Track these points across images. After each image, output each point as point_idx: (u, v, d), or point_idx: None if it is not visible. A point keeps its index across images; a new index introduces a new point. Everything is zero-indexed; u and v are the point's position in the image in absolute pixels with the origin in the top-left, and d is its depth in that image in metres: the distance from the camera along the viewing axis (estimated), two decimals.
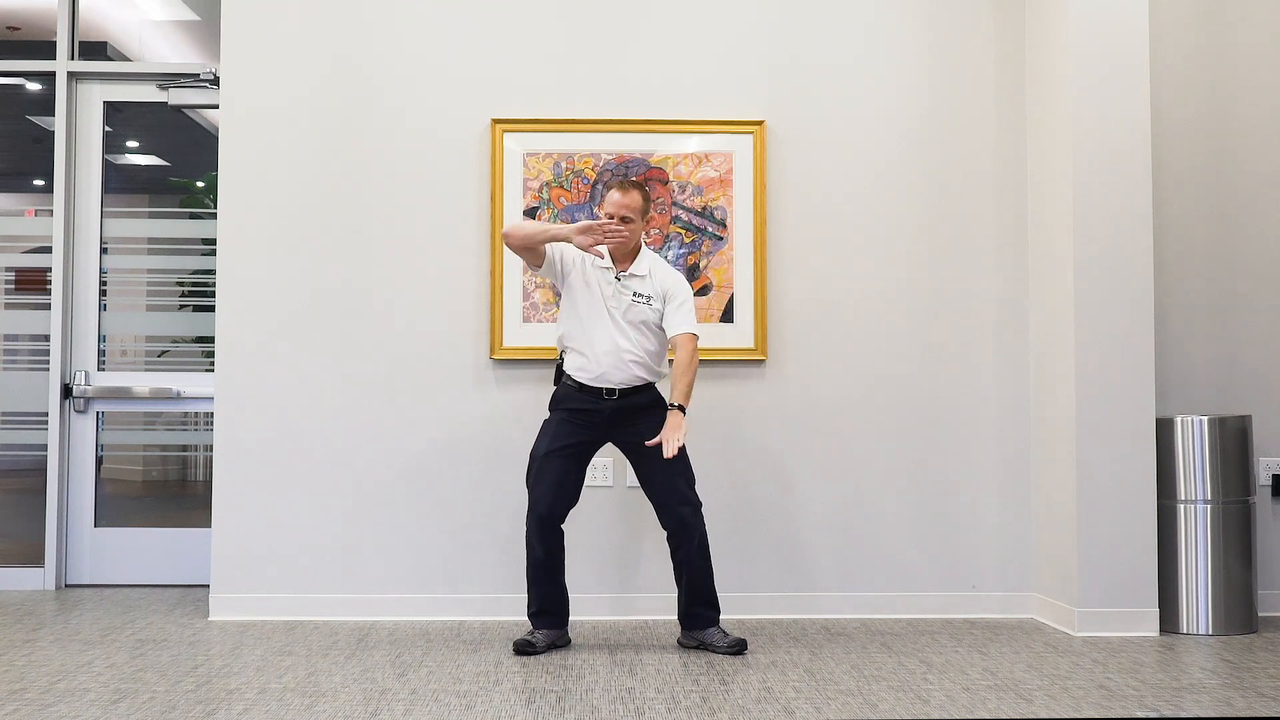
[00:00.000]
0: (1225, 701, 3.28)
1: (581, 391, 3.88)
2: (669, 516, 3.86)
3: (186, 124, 5.25)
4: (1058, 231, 4.31)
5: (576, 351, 3.89)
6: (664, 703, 3.25)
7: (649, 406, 3.91)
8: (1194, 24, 4.60)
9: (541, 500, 3.83)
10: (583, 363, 3.87)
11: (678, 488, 3.85)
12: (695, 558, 3.85)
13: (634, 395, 3.89)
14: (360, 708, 3.19)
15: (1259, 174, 4.60)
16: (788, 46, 4.57)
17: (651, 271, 3.92)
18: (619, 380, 3.86)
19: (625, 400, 3.87)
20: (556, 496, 3.84)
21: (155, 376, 5.07)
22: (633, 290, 3.88)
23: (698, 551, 3.85)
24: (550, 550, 3.86)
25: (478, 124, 4.51)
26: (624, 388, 3.87)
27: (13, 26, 5.42)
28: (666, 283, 3.93)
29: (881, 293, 4.54)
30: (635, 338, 3.86)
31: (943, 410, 4.53)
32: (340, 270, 4.48)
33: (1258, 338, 4.57)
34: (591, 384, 3.86)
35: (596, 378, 3.85)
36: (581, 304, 3.89)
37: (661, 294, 3.90)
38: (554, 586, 3.90)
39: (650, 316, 3.89)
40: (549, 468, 3.85)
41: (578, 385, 3.88)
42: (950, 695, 3.34)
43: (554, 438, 3.88)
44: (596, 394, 3.86)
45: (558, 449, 3.85)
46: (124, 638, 4.03)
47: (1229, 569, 4.18)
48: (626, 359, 3.84)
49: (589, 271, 3.90)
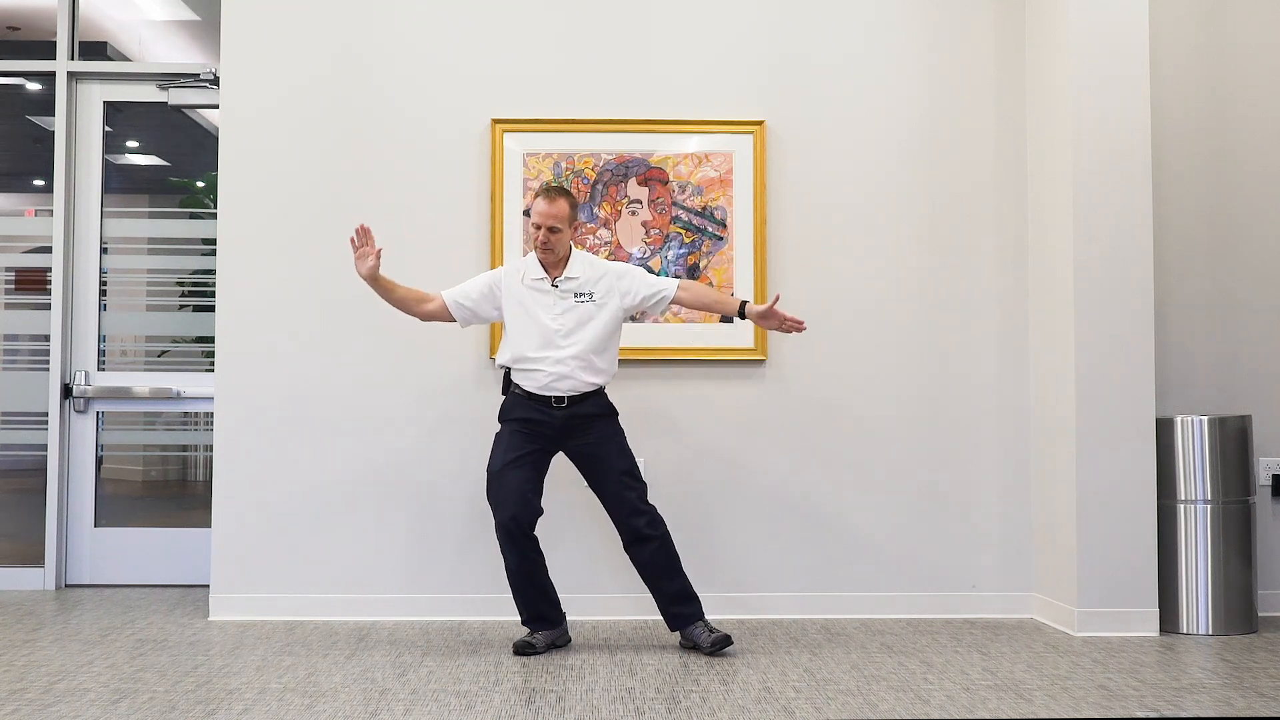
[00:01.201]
0: (1225, 701, 3.28)
1: (530, 399, 3.86)
2: (623, 528, 3.87)
3: (186, 124, 5.26)
4: (1058, 231, 4.31)
5: (523, 370, 3.87)
6: (664, 703, 3.25)
7: (599, 414, 3.90)
8: (1194, 24, 4.60)
9: (506, 513, 3.79)
10: (529, 374, 3.86)
11: (629, 500, 3.85)
12: (657, 561, 3.85)
13: (582, 403, 3.87)
14: (360, 708, 3.19)
15: (1259, 174, 4.60)
16: (788, 46, 4.57)
17: (585, 270, 3.92)
18: (566, 388, 3.84)
19: (574, 408, 3.86)
20: (520, 506, 3.79)
21: (155, 376, 5.07)
22: (573, 292, 3.88)
23: (659, 555, 3.84)
24: (524, 557, 3.82)
25: (478, 124, 4.51)
26: (572, 394, 3.85)
27: (13, 26, 5.42)
28: (610, 271, 3.94)
29: (881, 292, 4.54)
30: (579, 341, 3.84)
31: (943, 410, 4.53)
32: (340, 270, 4.47)
33: (1258, 338, 4.57)
34: (539, 392, 3.85)
35: (543, 386, 3.84)
36: (522, 326, 3.87)
37: (607, 284, 3.89)
38: (537, 592, 3.88)
39: (593, 314, 3.87)
40: (507, 480, 3.82)
41: (525, 394, 3.87)
42: (950, 695, 3.34)
43: (507, 449, 3.86)
44: (545, 402, 3.85)
45: (512, 460, 3.83)
46: (124, 638, 4.03)
47: (1229, 569, 4.18)
48: (573, 366, 3.82)
49: (522, 293, 3.89)
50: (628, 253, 4.50)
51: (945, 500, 4.51)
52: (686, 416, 4.44)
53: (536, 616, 3.89)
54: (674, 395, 4.48)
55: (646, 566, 3.87)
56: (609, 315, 3.89)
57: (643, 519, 3.85)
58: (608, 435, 3.90)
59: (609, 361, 3.93)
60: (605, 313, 3.88)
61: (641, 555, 3.86)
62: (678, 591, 3.89)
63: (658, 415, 4.45)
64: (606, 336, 3.90)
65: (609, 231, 4.50)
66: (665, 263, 4.50)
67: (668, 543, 3.87)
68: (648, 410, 4.43)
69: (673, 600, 3.88)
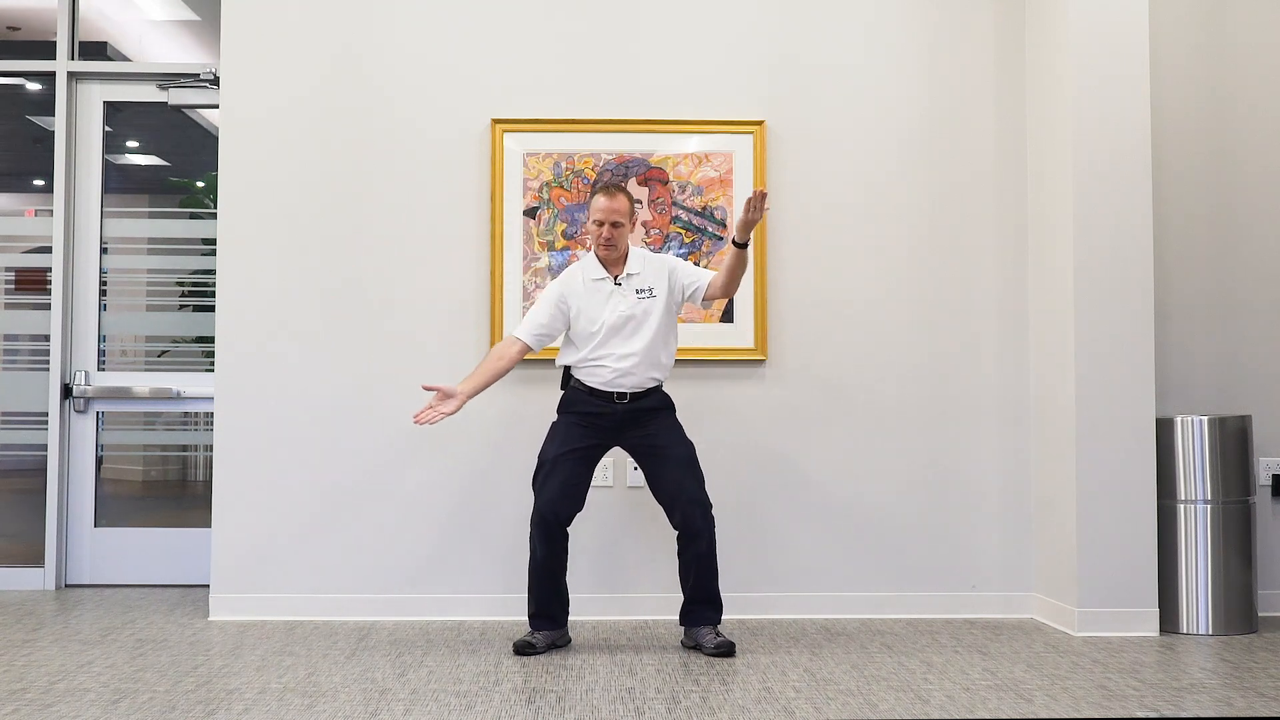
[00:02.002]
0: (1225, 701, 3.28)
1: (592, 395, 3.87)
2: (678, 516, 3.85)
3: (186, 124, 5.26)
4: (1058, 231, 4.31)
5: (586, 367, 3.87)
6: (664, 703, 3.25)
7: (659, 409, 3.91)
8: (1194, 24, 4.60)
9: (548, 503, 3.82)
10: (593, 370, 3.86)
11: (687, 488, 3.84)
12: (702, 559, 3.83)
13: (644, 398, 3.89)
14: (360, 708, 3.19)
15: (1259, 174, 4.60)
16: (788, 46, 4.57)
17: (644, 265, 3.94)
18: (630, 385, 3.85)
19: (636, 403, 3.87)
20: (563, 500, 3.82)
21: (155, 376, 5.07)
22: (635, 289, 3.89)
23: (705, 553, 3.84)
24: (553, 553, 3.85)
25: (478, 124, 4.51)
26: (635, 390, 3.87)
27: (13, 26, 5.42)
28: (663, 264, 3.95)
29: (881, 293, 4.54)
30: (646, 340, 3.85)
31: (943, 410, 4.53)
32: (340, 270, 4.48)
33: (1258, 338, 4.57)
34: (602, 388, 3.86)
35: (607, 383, 3.85)
36: (588, 329, 3.87)
37: (663, 278, 3.91)
38: (554, 589, 3.89)
39: (656, 309, 3.88)
40: (557, 471, 3.83)
41: (588, 389, 3.88)
42: (950, 695, 3.34)
43: (563, 441, 3.87)
44: (607, 398, 3.86)
45: (566, 453, 3.84)
46: (124, 638, 4.03)
47: (1229, 569, 4.18)
48: (636, 363, 3.83)
49: (585, 294, 3.89)
50: None
51: (945, 500, 4.51)
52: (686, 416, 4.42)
53: (545, 613, 3.89)
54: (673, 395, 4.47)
55: (691, 561, 3.84)
56: (666, 309, 3.90)
57: (698, 510, 3.82)
58: (668, 425, 3.90)
59: (670, 356, 3.94)
60: (662, 306, 3.89)
61: (690, 548, 3.84)
62: (709, 593, 3.88)
63: None
64: (667, 330, 3.91)
65: None
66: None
67: (713, 545, 3.86)
68: None
69: (700, 599, 3.88)
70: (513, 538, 4.38)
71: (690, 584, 3.87)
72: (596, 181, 4.48)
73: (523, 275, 4.46)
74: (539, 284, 4.46)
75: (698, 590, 3.87)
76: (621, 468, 4.41)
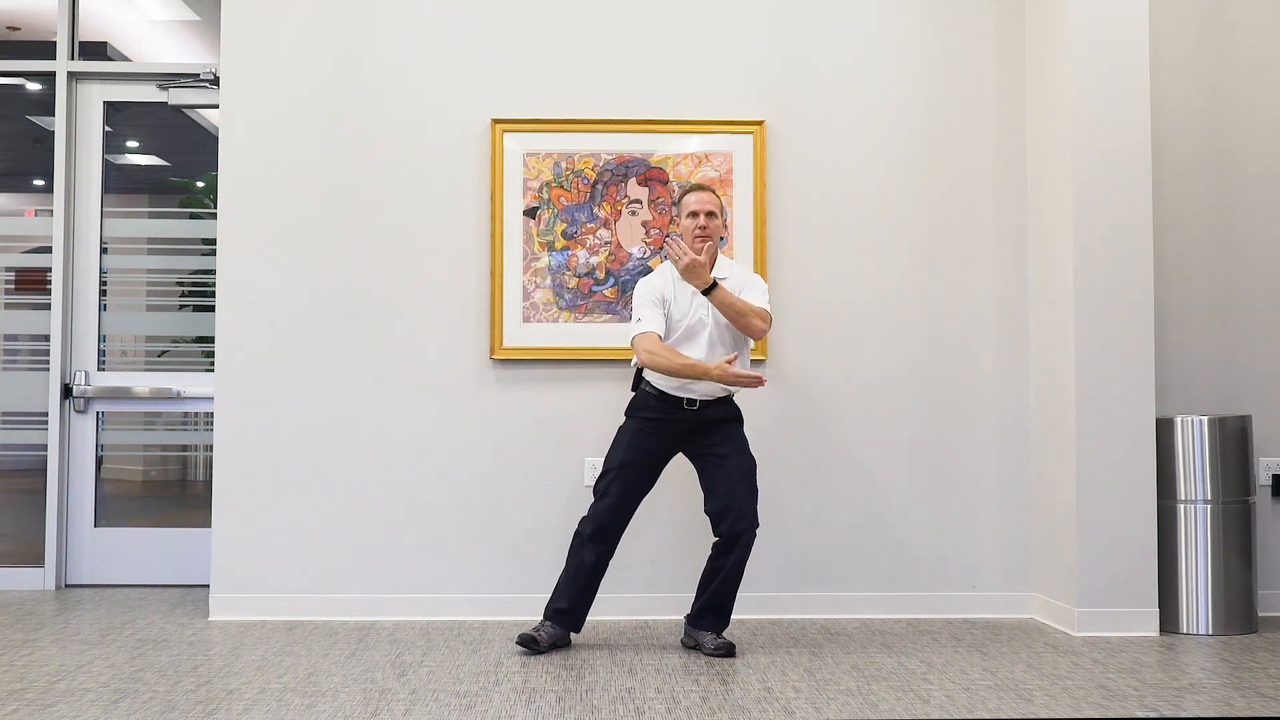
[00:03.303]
0: (1225, 701, 3.28)
1: (662, 400, 3.86)
2: (726, 527, 3.80)
3: (186, 124, 5.25)
4: (1058, 231, 4.31)
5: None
6: (664, 703, 3.25)
7: (727, 420, 3.90)
8: (1194, 24, 4.60)
9: (608, 510, 3.83)
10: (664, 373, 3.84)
11: (742, 500, 3.80)
12: (732, 570, 3.81)
13: (714, 407, 3.87)
14: (360, 708, 3.19)
15: (1259, 174, 4.60)
16: (788, 46, 4.57)
17: (730, 272, 3.94)
18: (702, 392, 3.84)
19: (706, 412, 3.86)
20: (623, 509, 3.85)
21: (155, 376, 5.07)
22: None
23: (736, 565, 3.81)
24: (601, 558, 3.86)
25: (478, 124, 4.51)
26: (706, 399, 3.85)
27: (13, 26, 5.42)
28: (744, 279, 3.95)
29: (881, 293, 4.54)
30: (721, 350, 3.83)
31: (942, 410, 4.53)
32: (340, 270, 4.48)
33: (1258, 338, 4.57)
34: (673, 393, 3.84)
35: (678, 387, 3.83)
36: (675, 328, 3.86)
37: (739, 288, 3.90)
38: (589, 593, 3.90)
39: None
40: (623, 480, 3.84)
41: (658, 393, 3.86)
42: (950, 695, 3.34)
43: (629, 448, 3.86)
44: (677, 404, 3.84)
45: (633, 461, 3.84)
46: (124, 638, 4.03)
47: (1229, 569, 4.18)
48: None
49: (674, 291, 3.88)
50: (628, 252, 4.50)
51: (945, 500, 4.51)
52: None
53: (571, 612, 3.88)
54: None
55: (720, 569, 3.82)
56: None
57: (747, 524, 3.79)
58: (733, 436, 3.89)
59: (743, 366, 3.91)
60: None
61: (724, 559, 3.81)
62: (724, 607, 3.87)
63: None
64: (739, 341, 3.91)
65: (609, 231, 4.50)
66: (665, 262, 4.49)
67: (744, 563, 3.83)
68: None
69: (713, 605, 3.86)
70: (513, 538, 4.39)
71: (710, 590, 3.85)
72: (596, 181, 4.48)
73: (523, 275, 4.46)
74: (539, 284, 4.46)
75: (715, 598, 3.85)
76: None
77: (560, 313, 4.48)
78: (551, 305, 4.47)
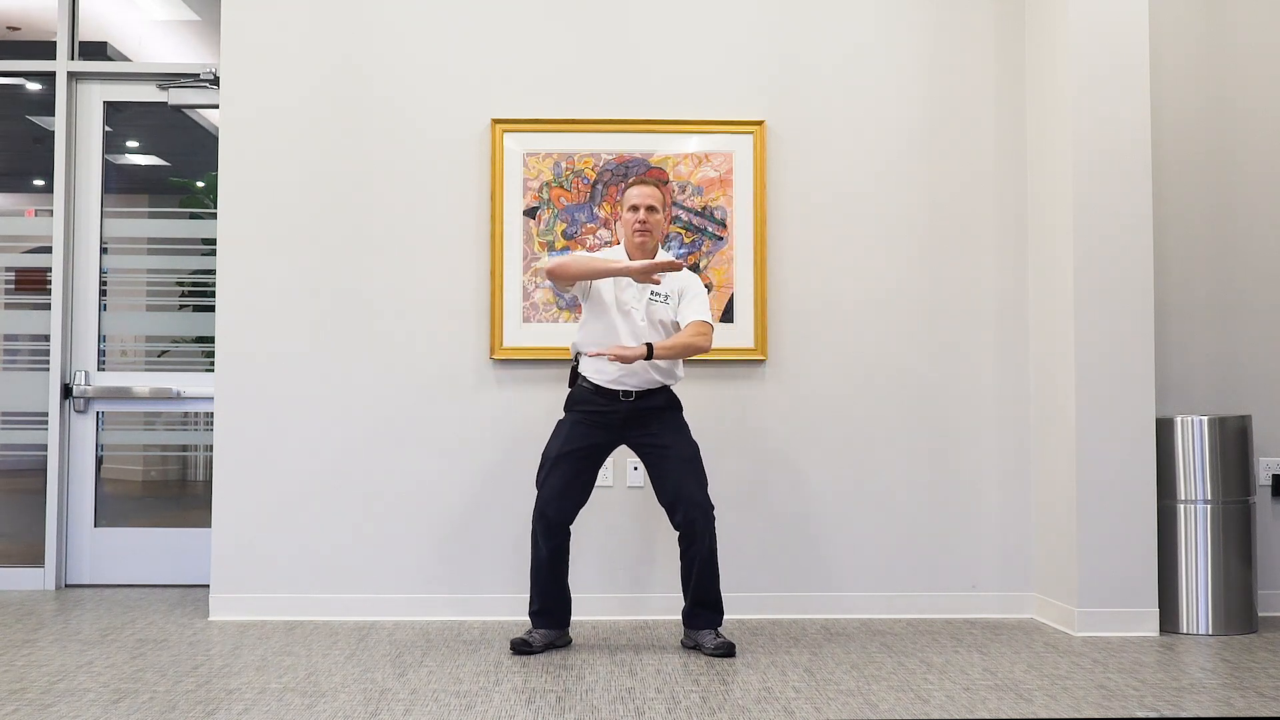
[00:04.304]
0: (1225, 701, 3.28)
1: (597, 393, 3.87)
2: (680, 517, 3.84)
3: (186, 124, 5.26)
4: (1058, 231, 4.31)
5: (593, 365, 3.87)
6: (664, 703, 3.25)
7: (665, 408, 3.91)
8: (1194, 24, 4.60)
9: (549, 501, 3.83)
10: (599, 365, 3.85)
11: (689, 491, 3.83)
12: (703, 561, 3.83)
13: (650, 397, 3.88)
14: (360, 708, 3.19)
15: (1259, 174, 4.60)
16: (788, 46, 4.57)
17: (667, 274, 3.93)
18: (636, 383, 3.85)
19: (641, 402, 3.87)
20: (565, 498, 3.83)
21: (155, 376, 5.07)
22: (650, 290, 3.88)
23: (706, 555, 3.83)
24: (555, 551, 3.85)
25: (478, 124, 4.51)
26: (641, 389, 3.86)
27: (13, 26, 5.42)
28: (683, 280, 3.94)
29: (881, 293, 4.54)
30: (653, 339, 3.84)
31: (943, 410, 4.53)
32: (340, 270, 4.48)
33: (1258, 338, 4.57)
34: (608, 386, 3.85)
35: (614, 380, 3.85)
36: (603, 311, 3.88)
37: (678, 291, 3.90)
38: (556, 587, 3.90)
39: (668, 315, 3.88)
40: (560, 469, 3.84)
41: (594, 387, 3.87)
42: (950, 695, 3.34)
43: (567, 440, 3.87)
44: (613, 396, 3.86)
45: (570, 451, 3.85)
46: (124, 638, 4.03)
47: (1229, 569, 4.18)
48: (644, 363, 3.82)
49: (608, 283, 3.89)
50: None
51: (945, 500, 4.51)
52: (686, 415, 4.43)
53: (545, 611, 3.89)
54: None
55: (693, 561, 3.84)
56: (673, 319, 3.90)
57: (699, 512, 3.81)
58: (673, 425, 3.90)
59: (675, 363, 3.92)
60: (671, 315, 3.89)
61: (692, 549, 3.83)
62: (712, 596, 3.87)
63: None
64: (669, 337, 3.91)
65: (609, 231, 4.50)
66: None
67: (714, 548, 3.85)
68: None
69: (702, 601, 3.87)
70: (513, 538, 4.38)
71: (692, 587, 3.87)
72: (597, 181, 4.48)
73: (523, 275, 4.46)
74: (539, 284, 4.46)
75: (699, 593, 3.87)
76: (622, 468, 4.41)
77: (560, 313, 4.48)
78: (551, 305, 4.47)
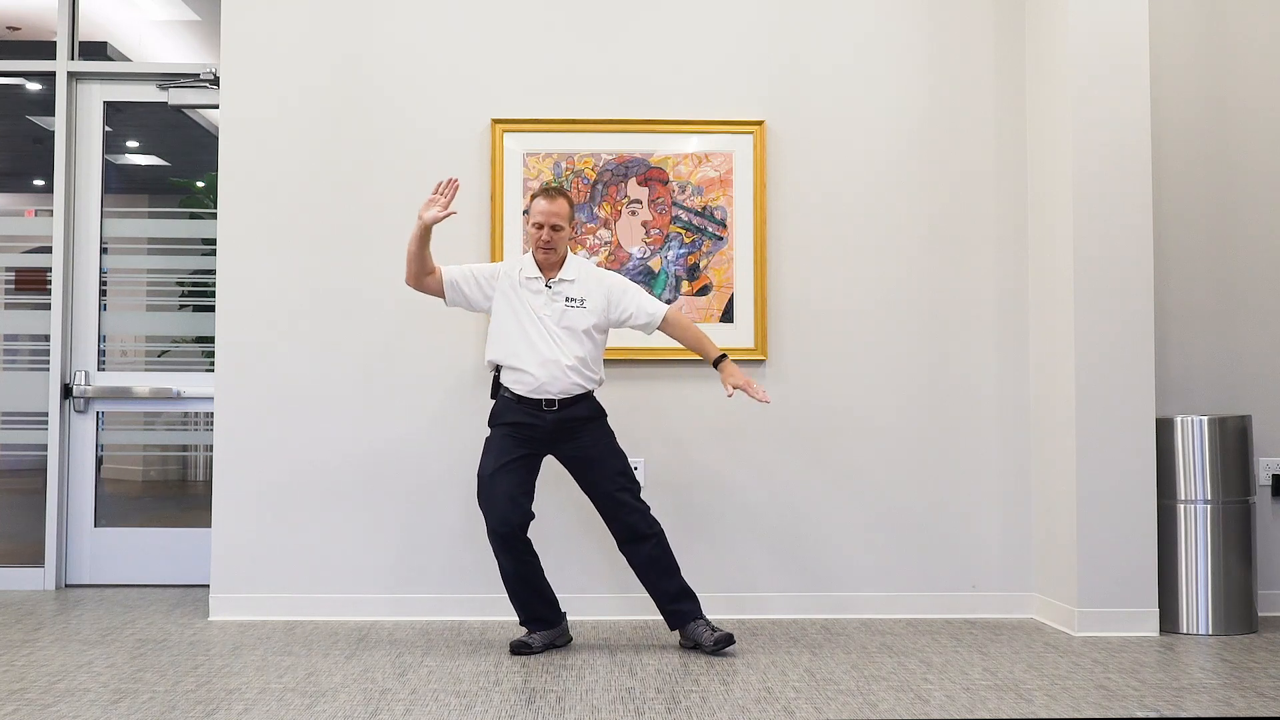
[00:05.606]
0: (1225, 701, 3.28)
1: (520, 404, 3.85)
2: (618, 527, 3.86)
3: (186, 124, 5.26)
4: (1058, 231, 4.31)
5: (511, 368, 3.85)
6: (664, 703, 3.25)
7: (589, 417, 3.89)
8: (1194, 23, 4.60)
9: (499, 519, 3.78)
10: (519, 376, 3.83)
11: (622, 499, 3.84)
12: (654, 559, 3.85)
13: (573, 406, 3.86)
14: (360, 708, 3.19)
15: (1259, 174, 4.60)
16: (788, 47, 4.57)
17: (580, 275, 3.91)
18: (557, 390, 3.82)
19: (565, 412, 3.84)
20: (511, 511, 3.78)
21: (155, 376, 5.07)
22: (564, 296, 3.87)
23: (656, 552, 3.85)
24: (520, 563, 3.82)
25: (478, 124, 4.51)
26: (563, 398, 3.84)
27: (13, 26, 5.42)
28: (604, 282, 3.93)
29: (881, 293, 4.54)
30: (570, 345, 3.83)
31: (943, 410, 4.53)
32: (340, 270, 4.48)
33: (1258, 338, 4.57)
34: (530, 395, 3.83)
35: (534, 389, 3.82)
36: (512, 322, 3.86)
37: (601, 294, 3.89)
38: (534, 594, 3.88)
39: (583, 321, 3.86)
40: (498, 484, 3.80)
41: (516, 398, 3.85)
42: (950, 695, 3.34)
43: (499, 454, 3.84)
44: (536, 405, 3.83)
45: (503, 464, 3.81)
46: (124, 638, 4.03)
47: (1229, 569, 4.18)
48: (564, 366, 3.81)
49: (517, 290, 3.88)
50: (628, 252, 4.50)
51: (945, 500, 4.51)
52: (685, 416, 4.44)
53: (534, 618, 3.89)
54: (672, 395, 4.48)
55: (643, 565, 3.87)
56: (594, 323, 3.88)
57: (637, 516, 3.84)
58: (599, 436, 3.90)
59: (597, 367, 3.93)
60: (591, 320, 3.87)
61: (638, 554, 3.86)
62: (677, 590, 3.88)
63: (656, 416, 4.46)
64: (592, 344, 3.90)
65: (609, 231, 4.50)
66: (665, 263, 4.50)
67: (663, 541, 3.87)
68: (646, 411, 4.43)
69: (672, 598, 3.88)
70: None
71: (657, 588, 3.87)
72: (597, 181, 4.48)
73: None
74: None
75: (664, 592, 3.87)
76: None
77: None
78: None
